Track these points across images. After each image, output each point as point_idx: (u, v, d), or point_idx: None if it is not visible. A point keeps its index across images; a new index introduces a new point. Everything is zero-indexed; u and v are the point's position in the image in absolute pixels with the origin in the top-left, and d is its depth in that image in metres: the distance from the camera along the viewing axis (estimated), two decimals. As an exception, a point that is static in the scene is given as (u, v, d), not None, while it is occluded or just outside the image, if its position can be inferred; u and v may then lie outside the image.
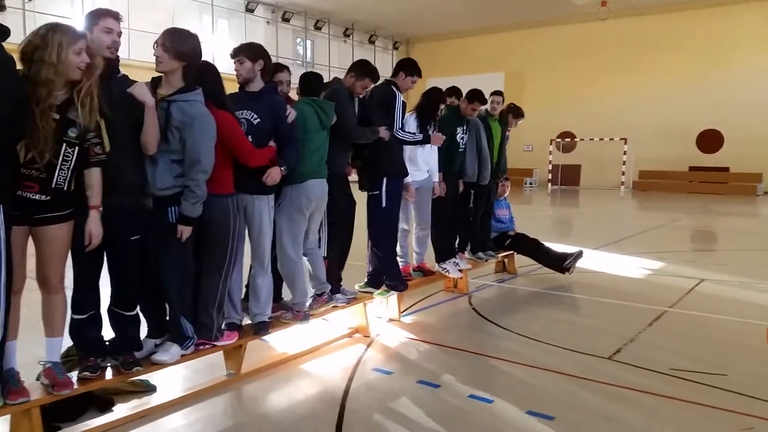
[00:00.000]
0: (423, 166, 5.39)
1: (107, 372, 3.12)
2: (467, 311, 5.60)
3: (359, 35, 27.79)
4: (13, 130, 2.55)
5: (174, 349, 3.31)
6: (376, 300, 4.95)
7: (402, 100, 5.02)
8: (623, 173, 23.79)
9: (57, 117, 2.67)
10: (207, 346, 3.53)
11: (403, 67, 5.07)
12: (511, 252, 7.13)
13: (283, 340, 4.37)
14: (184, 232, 3.22)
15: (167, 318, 3.42)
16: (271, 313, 4.05)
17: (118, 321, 3.22)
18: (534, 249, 6.97)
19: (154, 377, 3.52)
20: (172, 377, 3.67)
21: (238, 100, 3.74)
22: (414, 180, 5.26)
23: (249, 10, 22.90)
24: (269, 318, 3.99)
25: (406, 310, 5.40)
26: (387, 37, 29.20)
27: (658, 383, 3.75)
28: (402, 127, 5.00)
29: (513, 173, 9.61)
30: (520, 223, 7.62)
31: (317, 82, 4.36)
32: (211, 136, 3.24)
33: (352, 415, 3.28)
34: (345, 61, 22.88)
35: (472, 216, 6.38)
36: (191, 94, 3.22)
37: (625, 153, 23.73)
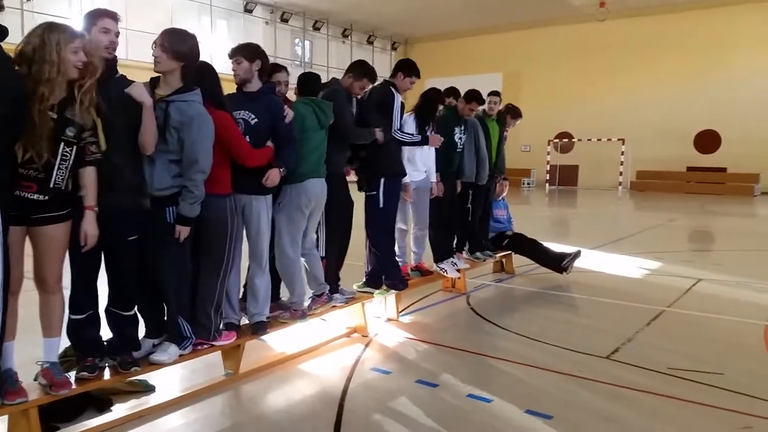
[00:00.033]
0: (421, 166, 5.39)
1: (105, 372, 3.11)
2: (465, 311, 5.60)
3: (358, 36, 27.81)
4: (12, 130, 2.54)
5: (172, 349, 3.30)
6: (375, 300, 4.95)
7: (400, 100, 5.01)
8: (621, 173, 23.82)
9: (55, 116, 2.67)
10: (205, 346, 3.52)
11: (401, 67, 5.06)
12: (509, 252, 7.14)
13: (281, 340, 4.37)
14: (182, 232, 3.22)
15: (165, 318, 3.42)
16: (269, 313, 4.06)
17: (116, 321, 3.22)
18: (532, 249, 6.98)
19: (152, 377, 3.52)
20: (171, 377, 3.67)
21: (235, 100, 3.74)
22: (412, 180, 5.26)
23: (247, 10, 22.90)
24: (267, 318, 3.99)
25: (404, 309, 5.40)
26: (385, 38, 29.22)
27: (657, 382, 3.75)
28: (400, 128, 5.00)
29: (511, 173, 9.62)
30: (518, 223, 7.63)
31: (315, 82, 4.37)
32: (209, 136, 3.24)
33: (350, 415, 3.28)
34: (343, 61, 22.87)
35: (470, 216, 6.39)
36: (189, 94, 3.22)
37: (622, 153, 23.76)
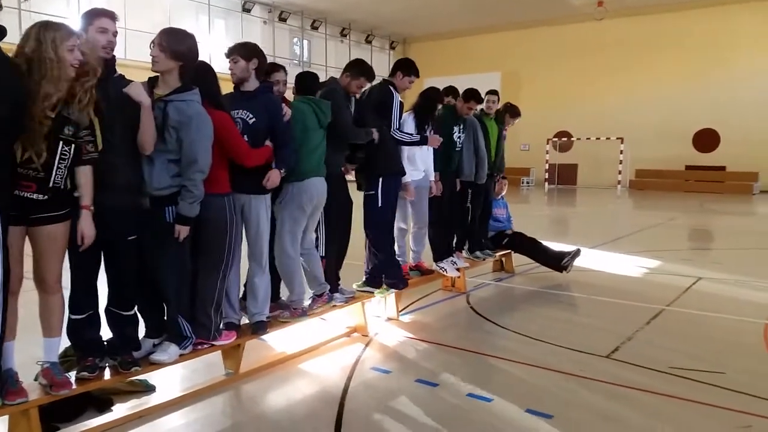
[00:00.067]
0: (420, 165, 5.38)
1: (105, 372, 3.11)
2: (465, 310, 5.60)
3: (356, 35, 27.81)
4: (11, 130, 2.54)
5: (172, 349, 3.30)
6: (375, 299, 4.95)
7: (399, 100, 5.01)
8: (620, 172, 23.82)
9: (53, 115, 2.66)
10: (205, 346, 3.52)
11: (400, 66, 5.06)
12: (509, 251, 7.14)
13: (281, 340, 4.37)
14: (181, 231, 3.21)
15: (165, 318, 3.42)
16: (269, 312, 4.05)
17: (116, 321, 3.22)
18: (531, 248, 6.98)
19: (152, 377, 3.52)
20: (171, 377, 3.66)
21: (233, 99, 3.74)
22: (411, 179, 5.25)
23: (246, 9, 22.90)
24: (267, 317, 3.99)
25: (404, 309, 5.40)
26: (384, 37, 29.21)
27: (657, 381, 3.75)
28: (399, 127, 5.00)
29: (510, 172, 9.61)
30: (518, 222, 7.63)
31: (313, 81, 4.37)
32: (208, 136, 3.24)
33: (350, 415, 3.28)
34: (342, 60, 22.73)
35: (469, 215, 6.39)
36: (188, 93, 3.22)
37: (621, 152, 23.77)
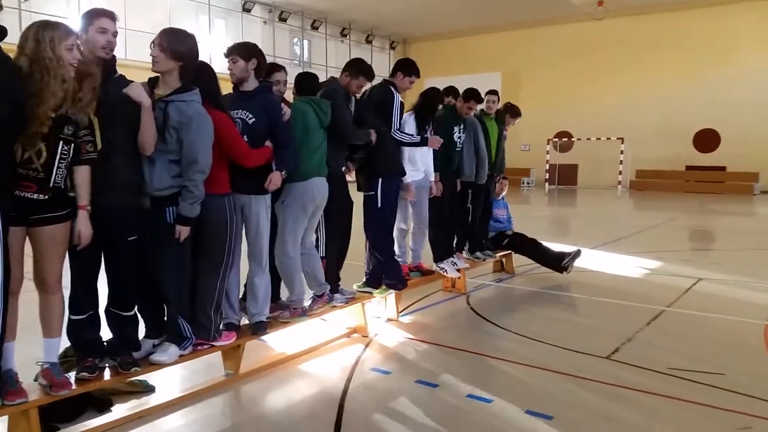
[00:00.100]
0: (421, 166, 5.38)
1: (105, 372, 3.11)
2: (465, 311, 5.59)
3: (356, 35, 27.79)
4: (12, 130, 2.54)
5: (172, 350, 3.30)
6: (375, 300, 4.95)
7: (400, 100, 5.00)
8: (620, 173, 23.80)
9: (53, 115, 2.67)
10: (205, 347, 3.52)
11: (401, 67, 5.05)
12: (509, 251, 7.13)
13: (281, 340, 4.37)
14: (182, 232, 3.21)
15: (165, 318, 3.41)
16: (269, 313, 4.05)
17: (116, 321, 3.22)
18: (532, 248, 6.98)
19: (152, 377, 3.52)
20: (171, 377, 3.66)
21: (232, 100, 3.74)
22: (412, 180, 5.25)
23: (246, 9, 22.89)
24: (267, 318, 3.99)
25: (404, 309, 5.40)
26: (384, 37, 29.20)
27: (657, 383, 3.75)
28: (400, 128, 4.99)
29: (510, 173, 9.61)
30: (518, 222, 7.62)
31: (312, 81, 4.37)
32: (208, 136, 3.24)
33: (350, 415, 3.28)
34: (342, 60, 22.53)
35: (470, 215, 6.39)
36: (188, 94, 3.22)
37: (622, 152, 23.76)
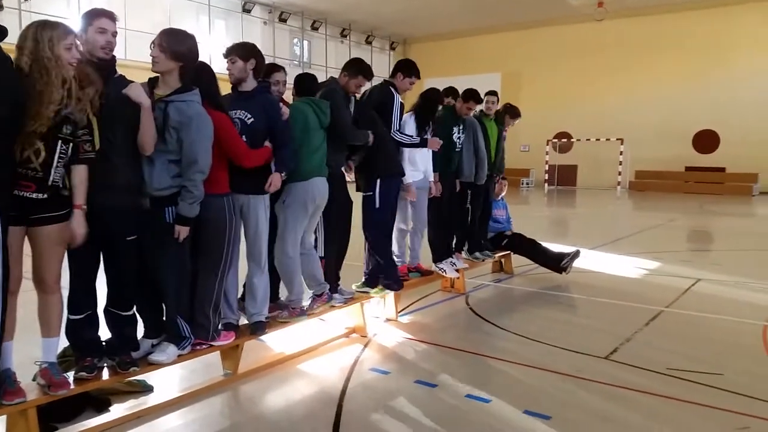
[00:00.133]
0: (420, 166, 5.38)
1: (104, 372, 3.11)
2: (464, 311, 5.60)
3: (356, 36, 27.80)
4: (11, 130, 2.54)
5: (171, 350, 3.30)
6: (373, 300, 4.95)
7: (400, 101, 5.00)
8: (620, 173, 23.82)
9: (52, 114, 2.67)
10: (204, 346, 3.52)
11: (401, 68, 5.05)
12: (508, 252, 7.14)
13: (280, 340, 4.37)
14: (181, 232, 3.21)
15: (164, 318, 3.42)
16: (268, 312, 4.05)
17: (115, 321, 3.22)
18: (531, 249, 6.98)
19: (150, 377, 3.52)
20: (169, 377, 3.67)
21: (231, 100, 3.74)
22: (412, 180, 5.25)
23: (246, 10, 22.90)
24: (266, 318, 3.99)
25: (403, 310, 5.40)
26: (384, 38, 29.22)
27: (655, 383, 3.76)
28: (400, 129, 4.99)
29: (510, 173, 9.61)
30: (517, 223, 7.63)
31: (312, 82, 4.37)
32: (208, 136, 3.24)
33: (349, 415, 3.28)
34: (342, 61, 22.39)
35: (469, 216, 6.39)
36: (188, 94, 3.22)
37: (621, 153, 23.76)
